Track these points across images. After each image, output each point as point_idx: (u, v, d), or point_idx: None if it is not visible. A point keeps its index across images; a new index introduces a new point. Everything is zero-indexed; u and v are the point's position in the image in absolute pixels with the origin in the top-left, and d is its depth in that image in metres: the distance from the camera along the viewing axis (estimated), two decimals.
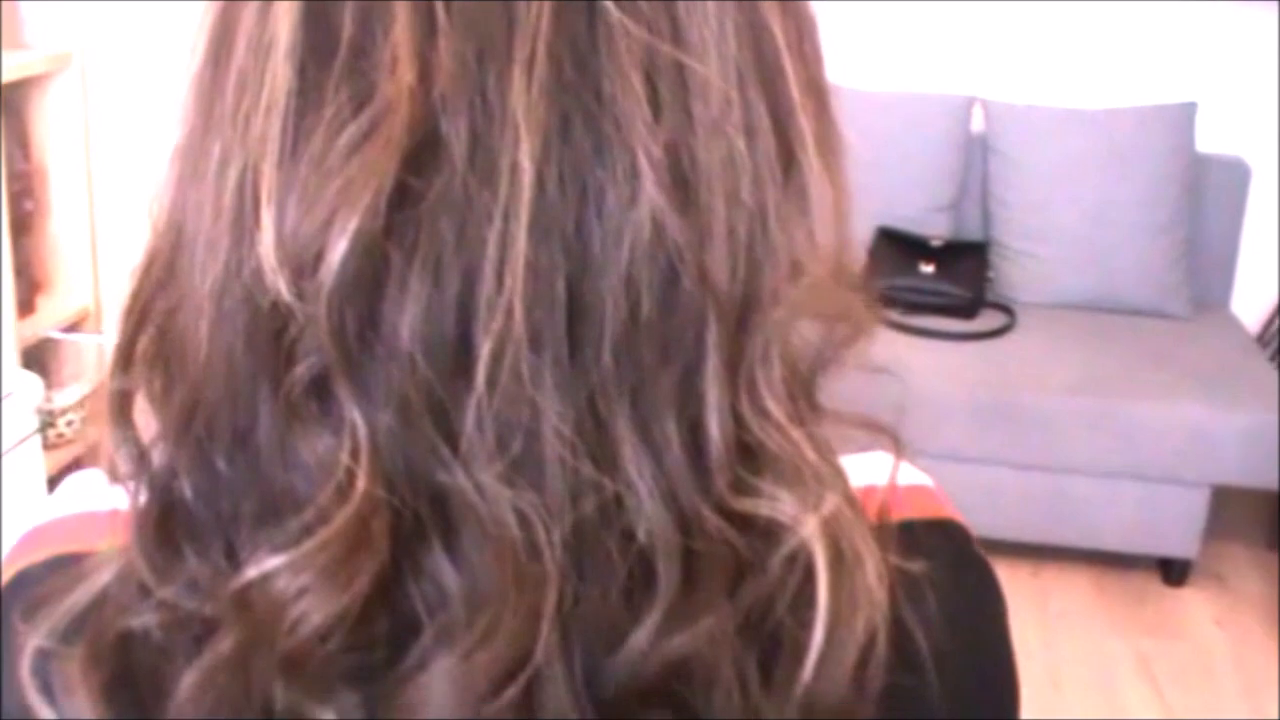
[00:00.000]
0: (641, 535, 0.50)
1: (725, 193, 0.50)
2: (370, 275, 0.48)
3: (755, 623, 0.52)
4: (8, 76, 2.50)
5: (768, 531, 0.52)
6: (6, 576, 0.63)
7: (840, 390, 0.64)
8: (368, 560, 0.49)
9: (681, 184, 0.49)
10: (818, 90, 0.56)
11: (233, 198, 0.51)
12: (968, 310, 3.84)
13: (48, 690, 0.54)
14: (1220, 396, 3.43)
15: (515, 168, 0.48)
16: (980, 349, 3.68)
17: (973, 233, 4.02)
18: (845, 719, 0.54)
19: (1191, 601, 3.53)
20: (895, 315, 3.80)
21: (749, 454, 0.52)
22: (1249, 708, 3.09)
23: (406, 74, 0.48)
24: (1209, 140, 3.94)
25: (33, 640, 0.54)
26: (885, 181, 3.91)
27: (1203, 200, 3.93)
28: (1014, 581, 3.53)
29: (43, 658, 0.55)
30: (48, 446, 2.43)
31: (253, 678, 0.51)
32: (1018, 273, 3.94)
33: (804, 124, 0.54)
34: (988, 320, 3.83)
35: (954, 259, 3.90)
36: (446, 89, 0.48)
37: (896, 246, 3.89)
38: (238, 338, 0.51)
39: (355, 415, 0.49)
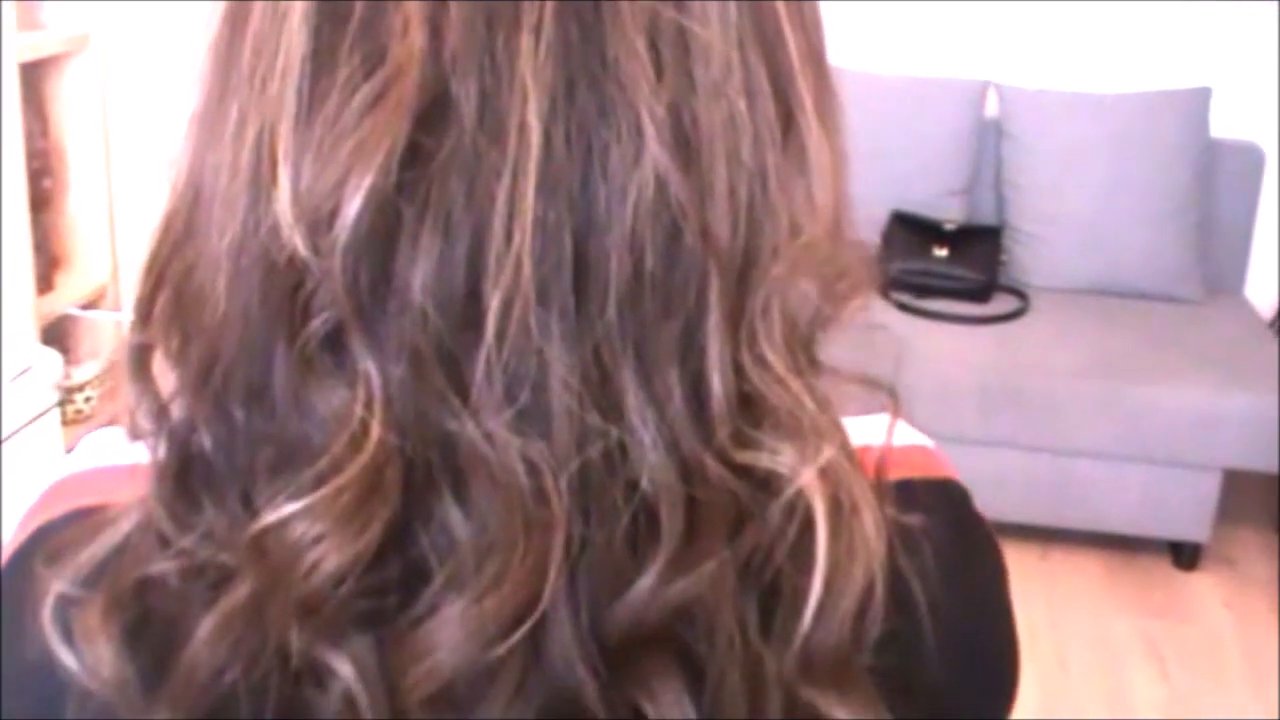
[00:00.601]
0: (645, 484, 0.51)
1: (726, 152, 0.52)
2: (383, 231, 0.49)
3: (755, 570, 0.53)
4: (27, 57, 2.53)
5: (767, 482, 0.53)
6: (28, 531, 0.64)
7: (844, 357, 0.66)
8: (381, 508, 0.50)
9: (683, 143, 0.51)
10: (816, 57, 0.58)
11: (250, 157, 0.52)
12: (980, 294, 3.85)
13: (68, 636, 0.55)
14: (1231, 380, 3.44)
15: (523, 127, 0.49)
16: (993, 332, 3.69)
17: (986, 217, 4.02)
18: (843, 666, 0.55)
19: (1201, 585, 3.53)
20: (908, 298, 3.82)
21: (750, 406, 0.53)
22: (1255, 690, 3.10)
23: (418, 37, 0.49)
24: (1223, 125, 3.94)
25: (55, 586, 0.56)
26: (899, 165, 3.92)
27: (1216, 185, 3.93)
28: (1022, 564, 3.55)
29: (63, 605, 0.56)
30: (66, 422, 2.45)
31: (268, 623, 0.52)
32: (1031, 257, 3.94)
33: (803, 88, 0.55)
34: (1000, 304, 3.83)
35: (967, 243, 3.90)
36: (457, 51, 0.49)
37: (910, 230, 3.90)
38: (254, 293, 0.52)
39: (369, 367, 0.50)
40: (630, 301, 0.51)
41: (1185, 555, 3.60)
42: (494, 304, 0.49)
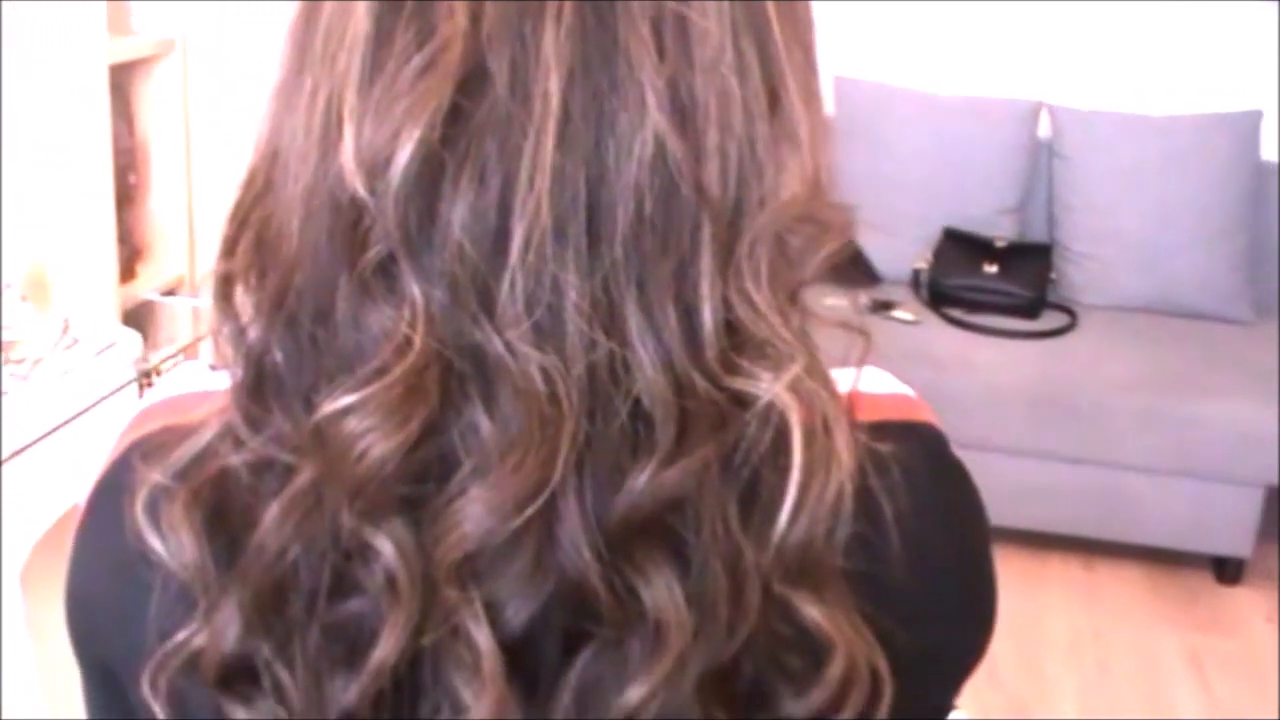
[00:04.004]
0: (643, 395, 0.60)
1: (718, 120, 0.62)
2: (428, 177, 0.60)
3: (736, 470, 0.62)
4: (116, 59, 2.65)
5: (747, 398, 0.62)
6: (120, 449, 0.75)
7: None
8: (420, 406, 0.60)
9: (680, 111, 0.61)
10: (803, 45, 0.68)
11: (321, 119, 0.63)
12: (1030, 310, 3.90)
13: (156, 525, 0.66)
14: (1277, 399, 3.46)
15: (546, 95, 0.59)
16: (1041, 347, 3.75)
17: (1038, 235, 4.08)
18: (817, 567, 0.64)
19: (1244, 599, 3.56)
20: (959, 313, 3.88)
21: (735, 334, 0.62)
22: None
23: (461, 19, 0.60)
24: (1274, 148, 3.98)
25: (149, 478, 0.67)
26: (953, 184, 3.99)
27: (1266, 207, 3.95)
28: (1067, 574, 3.59)
29: (153, 498, 0.66)
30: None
31: (325, 507, 0.62)
32: (1080, 275, 3.99)
33: (787, 69, 0.65)
34: (1049, 320, 3.89)
35: (1018, 260, 3.96)
36: (493, 32, 0.60)
37: (961, 246, 3.97)
38: (322, 230, 0.63)
39: (414, 290, 0.60)
40: (634, 242, 0.60)
41: (1228, 570, 3.62)
42: (518, 236, 0.59)
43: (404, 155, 0.59)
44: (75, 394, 2.05)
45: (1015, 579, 3.50)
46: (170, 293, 2.82)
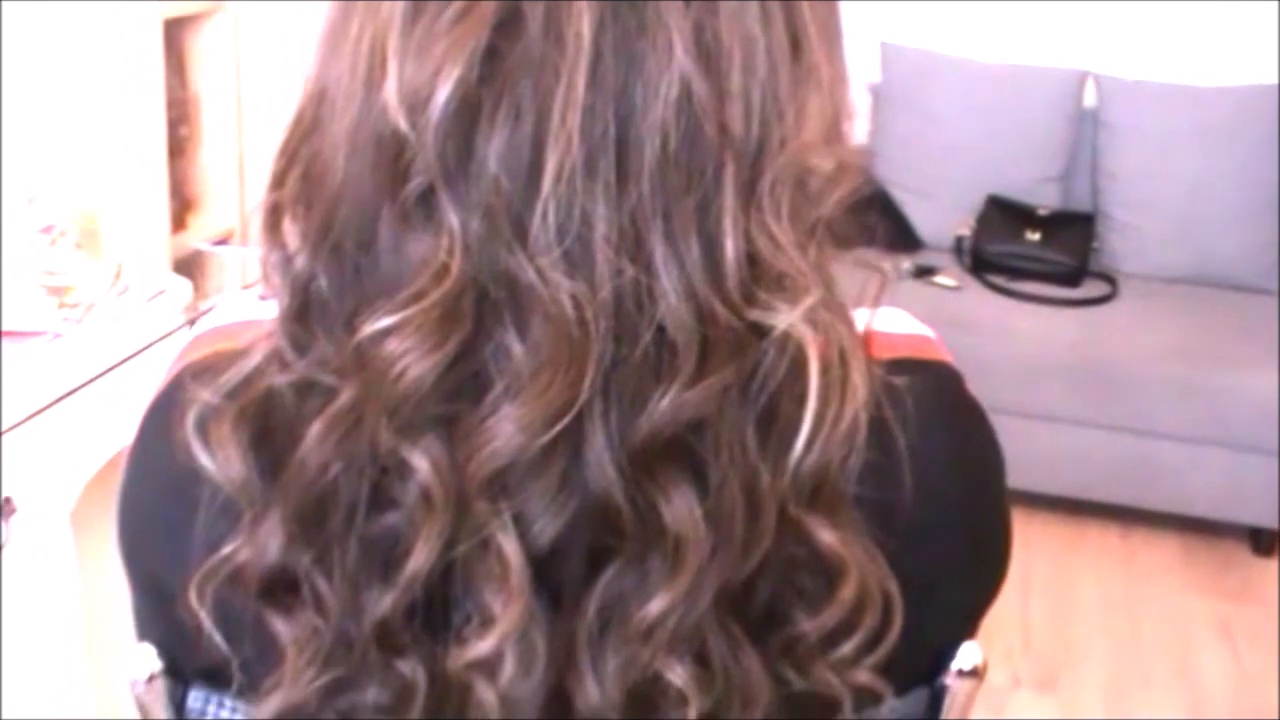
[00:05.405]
0: (667, 323, 0.63)
1: (742, 64, 0.65)
2: (466, 114, 0.63)
3: (754, 395, 0.65)
4: (170, 14, 2.68)
5: (767, 330, 0.65)
6: (173, 372, 0.79)
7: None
8: (456, 328, 0.64)
9: (705, 55, 0.64)
10: None
11: (365, 60, 0.67)
12: (1071, 278, 3.90)
13: (205, 442, 0.70)
14: None
15: (578, 37, 0.63)
16: (1081, 315, 3.75)
17: (1081, 204, 4.07)
18: (830, 493, 0.67)
19: (1278, 570, 3.55)
20: (1001, 280, 3.89)
21: (756, 266, 0.65)
22: None
23: None
24: None
25: (200, 396, 0.70)
26: (997, 151, 3.99)
27: None
28: (1103, 542, 3.60)
29: (203, 416, 0.70)
30: None
31: (364, 424, 0.65)
32: (1122, 244, 3.99)
33: (809, 19, 0.68)
34: (1091, 289, 3.89)
35: (1060, 228, 3.96)
36: None
37: (1004, 214, 3.97)
38: (366, 164, 0.66)
39: (452, 220, 0.64)
40: (660, 177, 0.63)
41: (1264, 541, 3.61)
42: (550, 168, 0.63)
43: (443, 93, 0.63)
44: (126, 338, 2.10)
45: (1051, 545, 3.52)
46: (220, 243, 2.86)
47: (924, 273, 3.89)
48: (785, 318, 0.65)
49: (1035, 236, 3.93)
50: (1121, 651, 3.19)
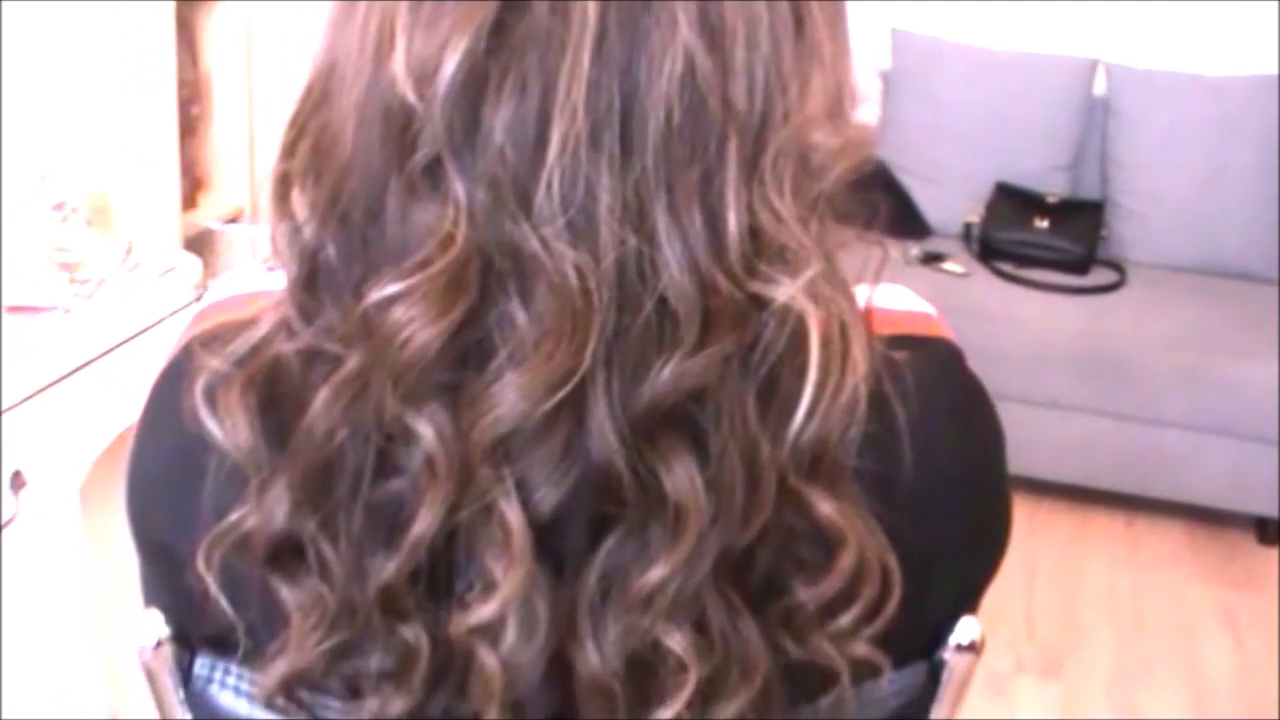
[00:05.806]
0: (669, 294, 0.64)
1: (746, 41, 0.66)
2: (473, 85, 0.64)
3: (755, 367, 0.66)
4: None
5: (768, 302, 0.66)
6: (183, 341, 0.79)
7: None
8: (461, 297, 0.64)
9: (710, 31, 0.65)
10: None
11: (374, 33, 0.67)
12: (1079, 266, 3.90)
13: (213, 409, 0.71)
14: None
15: (584, 12, 0.63)
16: (1089, 304, 3.75)
17: (1090, 192, 4.07)
18: (830, 465, 0.67)
19: None
20: (1009, 267, 3.89)
21: (758, 239, 0.66)
22: None
23: None
24: None
25: (209, 364, 0.71)
26: (1007, 139, 4.00)
27: None
28: (1109, 530, 3.60)
29: (212, 384, 0.71)
30: None
31: (371, 391, 0.66)
32: (1131, 233, 3.99)
33: None
34: (1098, 277, 3.88)
35: (1069, 216, 3.96)
36: None
37: (1013, 201, 3.98)
38: (374, 135, 0.67)
39: (458, 190, 0.64)
40: (664, 150, 0.64)
41: (1269, 530, 3.61)
42: (555, 142, 0.63)
43: (451, 65, 0.63)
44: (136, 315, 2.11)
45: (1057, 532, 3.53)
46: (231, 222, 2.87)
47: (932, 259, 3.89)
48: (786, 290, 0.65)
49: (1044, 224, 3.93)
50: (1125, 639, 3.19)
